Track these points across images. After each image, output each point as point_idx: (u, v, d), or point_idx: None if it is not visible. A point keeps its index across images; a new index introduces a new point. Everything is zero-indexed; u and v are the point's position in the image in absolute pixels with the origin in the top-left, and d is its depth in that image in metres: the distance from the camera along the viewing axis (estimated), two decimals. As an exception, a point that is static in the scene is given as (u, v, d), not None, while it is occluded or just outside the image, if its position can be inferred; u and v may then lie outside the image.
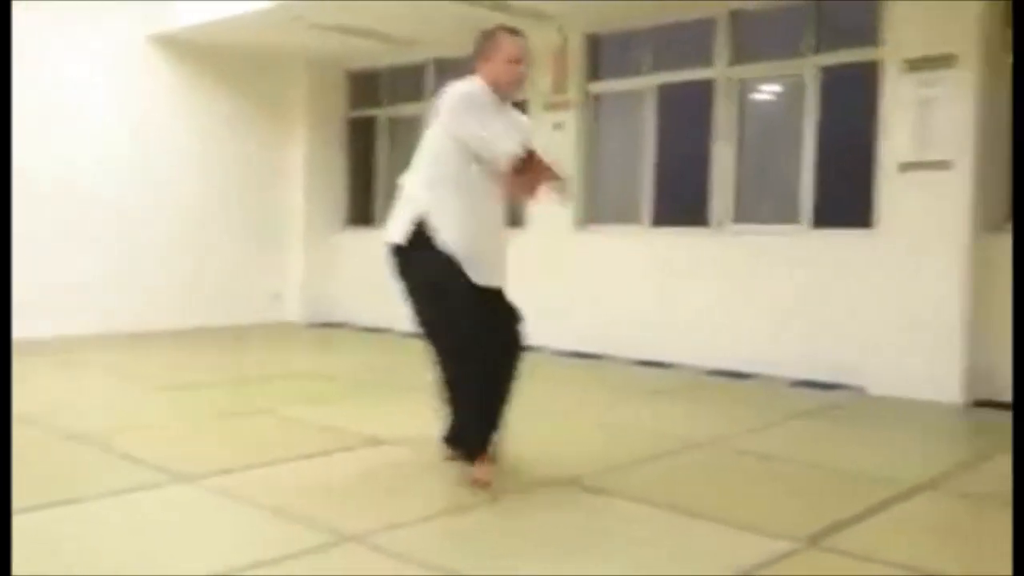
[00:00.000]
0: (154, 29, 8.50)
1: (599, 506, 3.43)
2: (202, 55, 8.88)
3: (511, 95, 3.71)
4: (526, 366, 3.82)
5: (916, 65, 5.69)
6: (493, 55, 3.63)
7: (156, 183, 8.67)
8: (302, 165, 9.59)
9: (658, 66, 7.37)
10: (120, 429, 4.55)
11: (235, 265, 9.21)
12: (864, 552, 2.95)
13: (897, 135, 5.77)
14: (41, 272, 7.77)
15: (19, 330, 7.34)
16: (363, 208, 9.68)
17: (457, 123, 3.52)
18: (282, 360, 7.38)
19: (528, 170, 3.51)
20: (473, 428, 3.72)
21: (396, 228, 3.64)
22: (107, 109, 8.35)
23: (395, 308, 9.64)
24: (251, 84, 9.32)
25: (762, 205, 6.84)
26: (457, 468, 3.78)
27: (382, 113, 9.54)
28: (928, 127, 5.67)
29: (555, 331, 7.48)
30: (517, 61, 3.63)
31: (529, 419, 4.62)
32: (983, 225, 5.59)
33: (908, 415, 5.24)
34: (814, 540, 3.04)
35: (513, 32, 3.70)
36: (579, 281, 7.57)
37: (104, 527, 3.12)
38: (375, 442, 4.29)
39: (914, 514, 3.45)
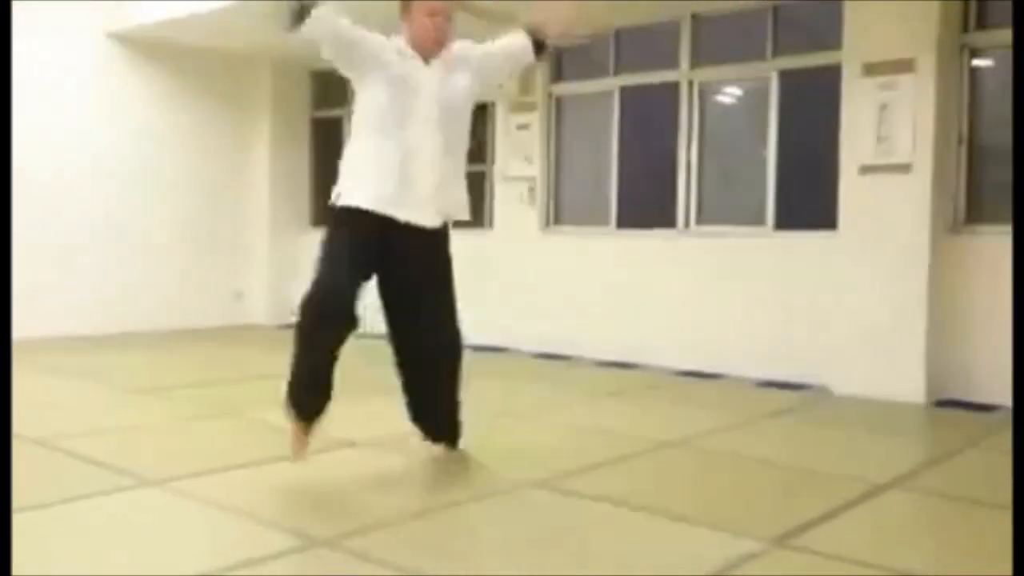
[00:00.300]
0: (113, 26, 8.38)
1: (567, 507, 3.44)
2: (163, 53, 8.77)
3: (435, 51, 3.63)
4: (494, 367, 3.83)
5: (875, 69, 5.78)
6: (412, 10, 3.60)
7: (117, 183, 8.54)
8: (267, 165, 9.51)
9: (621, 68, 7.41)
10: (86, 432, 4.48)
11: (198, 266, 9.11)
12: (833, 551, 2.98)
13: (857, 138, 5.86)
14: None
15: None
16: (328, 208, 9.61)
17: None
18: (249, 362, 7.30)
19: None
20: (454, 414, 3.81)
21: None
22: (65, 108, 8.21)
23: (359, 308, 9.48)
24: (214, 83, 9.22)
25: (726, 207, 6.91)
26: (425, 468, 3.77)
27: (346, 113, 9.48)
28: (888, 130, 5.76)
29: (522, 332, 7.50)
30: (434, 14, 3.57)
31: (496, 420, 4.64)
32: (943, 227, 5.69)
33: (872, 415, 5.32)
34: (782, 539, 3.07)
35: None
36: (545, 282, 7.58)
37: (70, 532, 3.06)
38: (345, 444, 4.26)
39: (882, 512, 3.49)
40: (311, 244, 9.83)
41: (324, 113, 9.70)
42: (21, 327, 7.59)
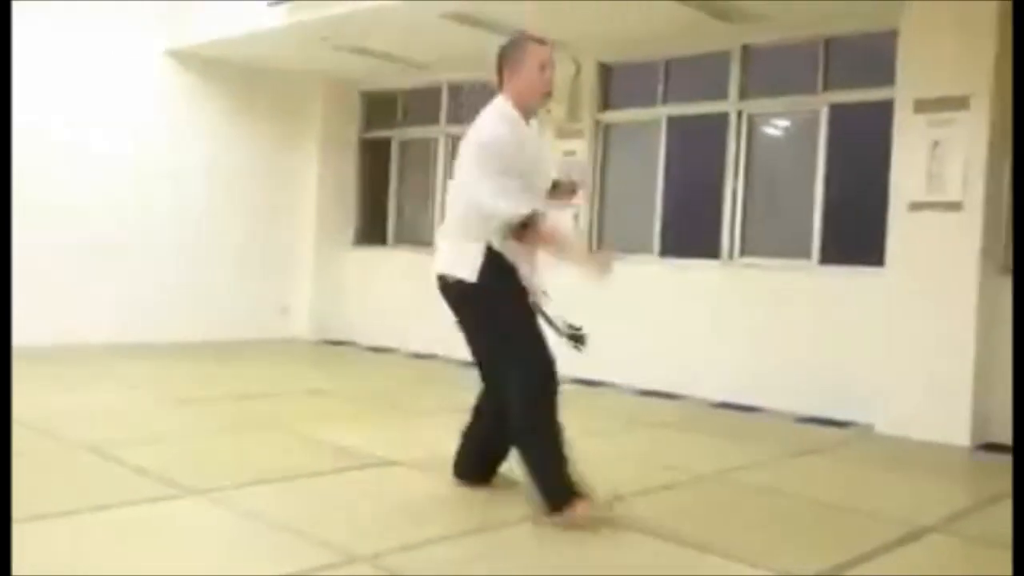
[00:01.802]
0: (172, 45, 8.58)
1: (606, 537, 3.43)
2: (218, 71, 8.95)
3: (539, 106, 3.60)
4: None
5: (929, 106, 5.74)
6: (522, 64, 3.51)
7: (168, 195, 8.72)
8: (315, 183, 9.65)
9: (670, 97, 7.43)
10: (132, 441, 4.57)
11: (244, 280, 9.24)
12: (873, 591, 2.95)
13: (908, 174, 5.80)
14: (46, 282, 7.80)
15: (26, 338, 7.40)
16: (374, 228, 9.73)
17: (473, 182, 3.47)
18: (291, 376, 7.40)
19: (531, 234, 3.46)
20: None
21: None
22: (121, 120, 8.41)
23: (402, 328, 9.62)
24: (267, 101, 9.39)
25: (772, 239, 6.87)
26: (468, 490, 3.79)
27: (395, 135, 9.61)
28: (939, 167, 5.71)
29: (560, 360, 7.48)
30: (546, 68, 3.52)
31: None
32: (993, 267, 5.62)
33: (915, 455, 5.24)
34: (822, 577, 3.04)
35: (539, 40, 3.61)
36: (584, 310, 7.56)
37: (114, 539, 3.12)
38: (385, 462, 4.30)
39: (923, 556, 3.44)
40: (355, 262, 10.07)
41: (373, 134, 9.83)
42: (67, 334, 7.79)
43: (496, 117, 3.52)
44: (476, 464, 3.87)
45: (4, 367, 5.06)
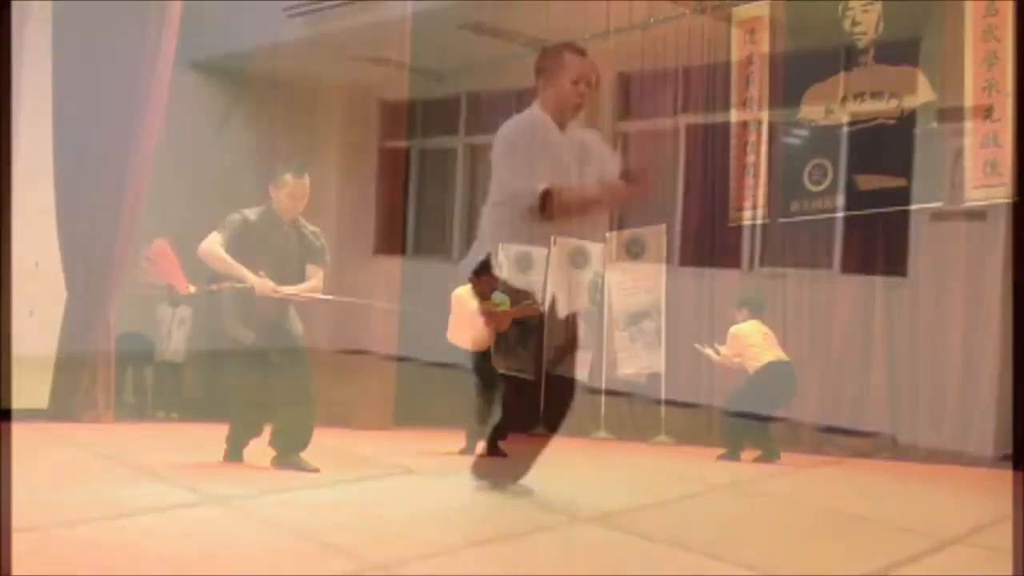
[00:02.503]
0: (192, 55, 8.63)
1: (622, 546, 3.40)
2: (237, 81, 9.01)
3: (571, 117, 3.53)
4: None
5: (951, 114, 5.70)
6: (557, 75, 3.47)
7: (188, 206, 8.75)
8: (334, 193, 9.67)
9: (688, 106, 7.41)
10: (147, 448, 4.59)
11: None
12: (895, 604, 2.91)
13: (930, 184, 5.77)
14: (55, 289, 7.80)
15: (30, 345, 7.38)
16: (392, 238, 9.76)
17: (495, 167, 3.50)
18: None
19: (556, 210, 3.35)
20: None
21: None
22: (140, 133, 8.45)
23: (419, 337, 9.53)
24: (286, 112, 9.43)
25: (793, 249, 6.83)
26: (486, 499, 3.78)
27: (415, 145, 9.64)
28: (962, 177, 5.67)
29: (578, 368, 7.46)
30: (579, 82, 3.46)
31: (554, 455, 4.61)
32: (1016, 276, 5.56)
33: (938, 465, 5.19)
34: (843, 590, 3.00)
35: (579, 52, 3.53)
36: (598, 315, 7.55)
37: (132, 546, 3.12)
38: (404, 471, 4.30)
39: (946, 568, 3.39)
40: (373, 272, 10.04)
41: (392, 144, 9.86)
42: (78, 338, 7.76)
43: (514, 119, 3.53)
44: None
45: (5, 368, 5.07)
